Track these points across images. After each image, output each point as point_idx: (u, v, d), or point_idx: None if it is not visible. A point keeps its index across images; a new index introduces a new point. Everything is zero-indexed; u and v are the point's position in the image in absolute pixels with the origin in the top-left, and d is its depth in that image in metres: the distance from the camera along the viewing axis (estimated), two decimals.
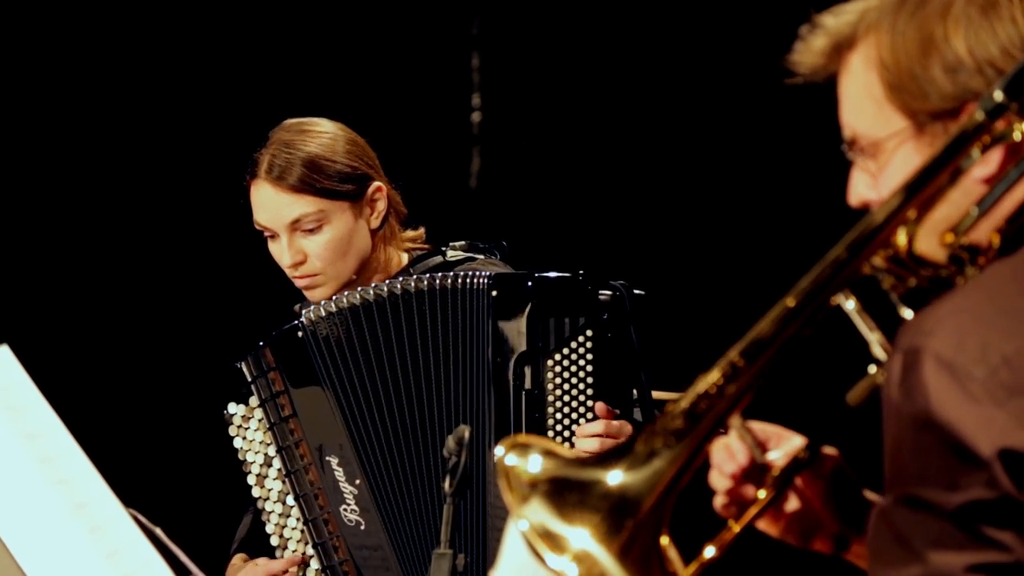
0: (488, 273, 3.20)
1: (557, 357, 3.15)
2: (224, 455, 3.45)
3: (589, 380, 3.14)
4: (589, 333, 3.14)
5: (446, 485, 2.65)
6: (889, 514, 1.68)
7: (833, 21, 1.86)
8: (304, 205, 3.27)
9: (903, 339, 1.69)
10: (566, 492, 1.84)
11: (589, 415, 3.14)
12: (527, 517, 1.84)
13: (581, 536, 1.82)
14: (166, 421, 4.99)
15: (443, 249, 3.38)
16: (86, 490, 2.55)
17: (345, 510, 3.27)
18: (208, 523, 3.85)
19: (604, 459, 1.86)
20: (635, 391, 3.19)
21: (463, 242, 3.39)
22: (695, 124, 4.88)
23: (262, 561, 3.32)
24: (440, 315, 3.21)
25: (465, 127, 5.04)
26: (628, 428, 3.12)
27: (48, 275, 4.99)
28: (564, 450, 1.92)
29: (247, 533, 3.42)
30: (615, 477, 1.84)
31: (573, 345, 3.15)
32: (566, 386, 3.15)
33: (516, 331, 3.16)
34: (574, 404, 3.15)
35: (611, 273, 3.29)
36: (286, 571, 3.28)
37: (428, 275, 3.23)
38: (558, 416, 3.14)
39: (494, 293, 3.17)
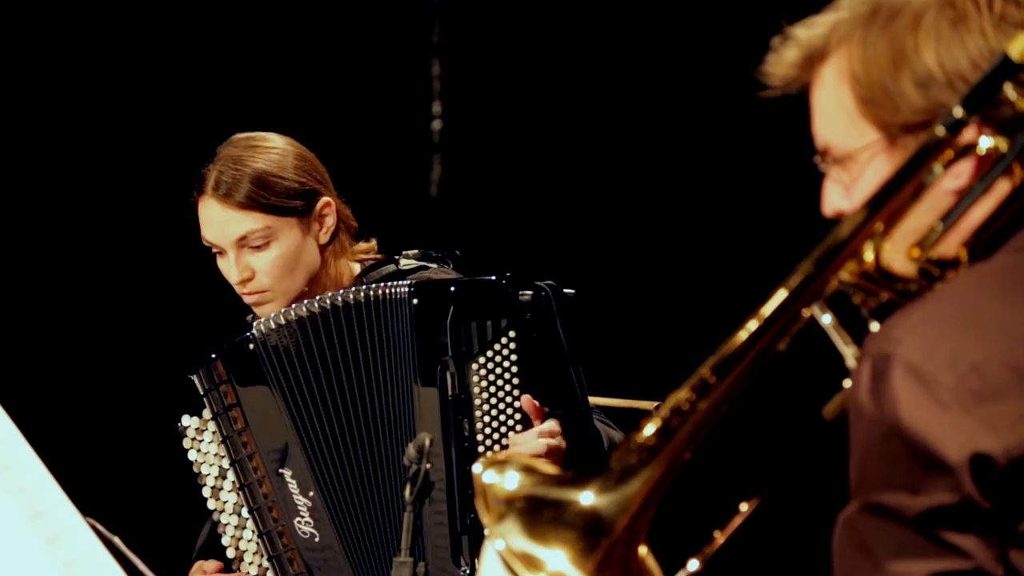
0: (409, 282, 3.22)
1: (481, 360, 3.16)
2: (182, 464, 3.44)
3: (515, 381, 3.15)
4: (512, 334, 3.15)
5: (407, 493, 2.66)
6: (853, 521, 1.69)
7: (805, 33, 1.86)
8: (251, 222, 3.24)
9: (872, 346, 1.70)
10: (541, 511, 1.84)
11: (518, 415, 3.15)
12: (503, 536, 1.83)
13: (556, 557, 1.81)
14: (124, 430, 4.96)
15: (396, 258, 3.38)
16: (44, 499, 2.53)
17: (299, 522, 3.26)
18: (166, 532, 3.83)
19: (578, 477, 1.86)
20: (567, 389, 3.20)
21: (416, 251, 3.39)
22: (656, 131, 4.90)
23: (212, 567, 3.31)
24: (367, 326, 3.21)
25: (426, 135, 5.04)
26: (558, 429, 3.11)
27: (2, 285, 4.96)
28: (543, 465, 1.91)
29: (206, 542, 3.41)
30: (589, 497, 1.83)
31: (497, 347, 3.16)
32: (492, 388, 3.16)
33: (439, 337, 3.17)
34: (501, 406, 3.16)
35: (570, 279, 3.30)
36: None
37: (354, 287, 3.24)
38: (486, 419, 3.16)
39: (415, 301, 3.19)
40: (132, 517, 3.41)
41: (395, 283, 3.22)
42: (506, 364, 3.16)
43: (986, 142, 1.77)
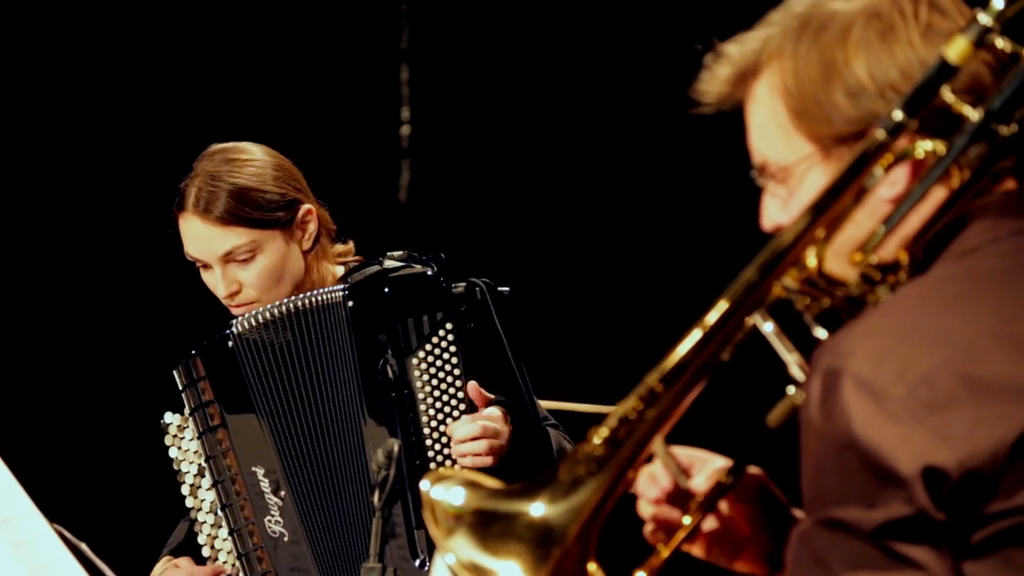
0: (342, 287, 3.23)
1: (421, 355, 3.17)
2: (149, 468, 3.44)
3: (457, 372, 3.16)
4: (449, 326, 3.16)
5: (375, 499, 2.66)
6: (808, 536, 1.69)
7: (737, 50, 1.87)
8: (235, 237, 3.22)
9: (821, 360, 1.70)
10: (491, 524, 1.83)
11: (463, 406, 3.15)
12: (453, 551, 1.83)
13: (508, 568, 1.81)
14: (90, 436, 4.96)
15: (380, 259, 3.40)
16: (10, 506, 2.54)
17: (269, 521, 3.27)
18: (133, 538, 3.83)
19: (527, 489, 1.85)
20: (510, 381, 3.22)
21: (401, 252, 3.40)
22: (625, 134, 4.91)
23: (184, 563, 3.32)
24: (309, 332, 3.22)
25: (394, 140, 5.04)
26: (499, 414, 3.13)
27: None
28: (487, 480, 1.91)
29: (183, 540, 3.41)
30: (539, 508, 1.83)
31: (435, 340, 3.17)
32: (435, 381, 3.17)
33: (377, 336, 3.19)
34: (445, 398, 3.17)
35: (538, 282, 3.31)
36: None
37: (301, 296, 3.24)
38: (431, 412, 3.17)
39: (350, 304, 3.20)
40: (99, 523, 3.42)
41: (329, 288, 3.24)
42: (446, 356, 3.17)
43: (924, 146, 1.78)
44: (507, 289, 3.23)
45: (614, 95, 4.89)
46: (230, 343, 3.26)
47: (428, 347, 3.17)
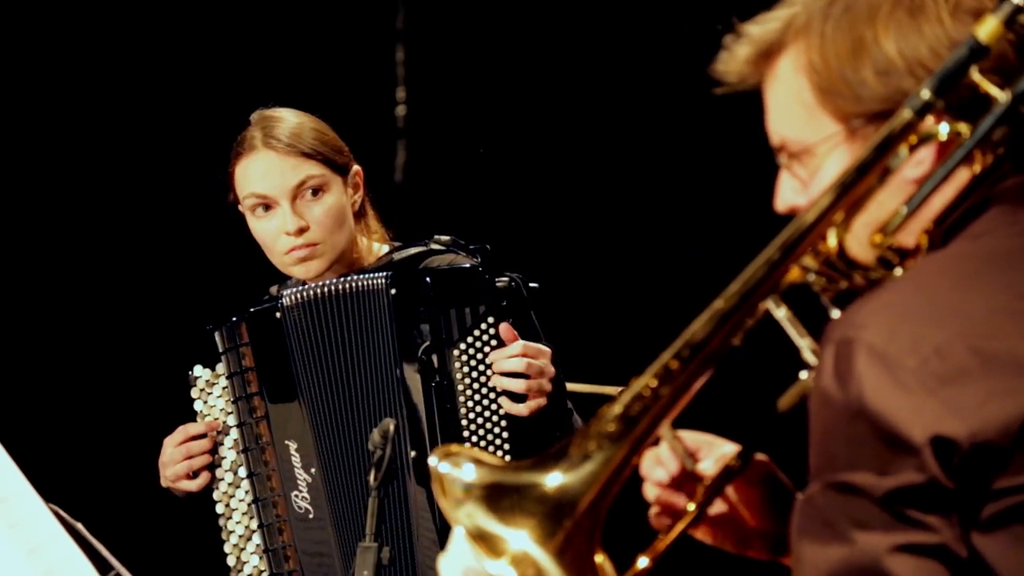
0: (386, 273, 3.25)
1: (462, 347, 3.20)
2: (146, 450, 3.43)
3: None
4: (491, 320, 3.19)
5: (371, 478, 2.67)
6: (815, 500, 1.70)
7: (759, 29, 1.87)
8: (309, 168, 3.29)
9: (835, 332, 1.71)
10: (501, 497, 1.85)
11: (500, 400, 3.18)
12: (463, 521, 1.84)
13: (518, 538, 1.82)
14: (85, 417, 4.95)
15: (426, 241, 3.42)
16: (5, 486, 2.53)
17: (296, 496, 3.30)
18: (130, 519, 3.82)
19: (538, 463, 1.86)
20: None
21: (448, 237, 3.42)
22: (621, 117, 4.90)
23: (182, 426, 3.35)
24: (356, 315, 3.25)
25: (390, 121, 5.03)
26: (548, 351, 3.18)
27: None
28: (493, 458, 1.93)
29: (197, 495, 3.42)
30: (551, 480, 1.84)
31: (476, 333, 3.20)
32: (474, 374, 3.20)
33: (419, 325, 3.20)
34: (484, 391, 3.19)
35: (532, 265, 3.32)
36: (204, 435, 3.31)
37: (346, 278, 3.26)
38: (470, 404, 3.19)
39: (393, 291, 3.20)
40: (95, 503, 3.41)
41: (373, 273, 3.26)
42: (487, 350, 3.20)
43: (947, 128, 1.78)
44: (536, 285, 3.27)
45: (616, 74, 4.88)
46: (278, 314, 3.29)
47: (469, 339, 3.20)
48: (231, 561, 3.35)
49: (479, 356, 3.19)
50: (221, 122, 3.46)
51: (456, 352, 3.19)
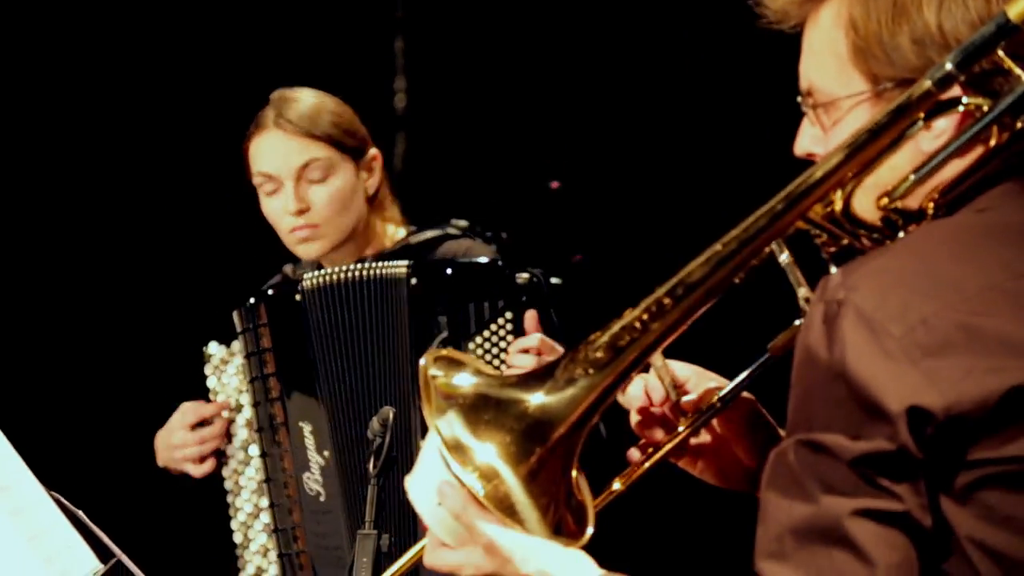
0: (408, 262, 3.25)
1: (479, 340, 3.21)
2: (146, 439, 3.44)
3: None
4: (509, 315, 3.21)
5: (370, 466, 2.67)
6: (786, 456, 1.71)
7: None
8: (314, 150, 3.32)
9: (827, 290, 1.72)
10: (482, 409, 1.86)
11: None
12: (440, 428, 1.84)
13: (490, 452, 1.83)
14: (85, 404, 4.95)
15: (444, 225, 3.43)
16: (6, 473, 2.53)
17: (308, 478, 3.31)
18: (131, 506, 3.83)
19: (523, 381, 1.87)
20: None
21: (464, 222, 3.44)
22: (624, 105, 4.90)
23: (189, 405, 3.37)
24: (375, 303, 3.27)
25: (389, 110, 5.03)
26: (560, 350, 3.16)
27: None
28: (490, 369, 1.93)
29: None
30: (532, 399, 1.85)
31: (493, 327, 3.21)
32: (491, 368, 3.17)
33: (436, 317, 3.21)
34: None
35: (533, 255, 3.32)
36: (217, 414, 3.33)
37: (366, 265, 3.27)
38: None
39: (413, 281, 3.22)
40: (96, 491, 3.42)
41: (395, 262, 3.27)
42: (503, 344, 3.21)
43: (969, 100, 1.78)
44: (559, 280, 3.27)
45: (615, 63, 4.88)
46: (298, 296, 3.30)
47: (486, 333, 3.21)
48: (238, 538, 3.36)
49: (495, 351, 3.20)
50: (226, 108, 3.48)
51: (472, 345, 3.21)
